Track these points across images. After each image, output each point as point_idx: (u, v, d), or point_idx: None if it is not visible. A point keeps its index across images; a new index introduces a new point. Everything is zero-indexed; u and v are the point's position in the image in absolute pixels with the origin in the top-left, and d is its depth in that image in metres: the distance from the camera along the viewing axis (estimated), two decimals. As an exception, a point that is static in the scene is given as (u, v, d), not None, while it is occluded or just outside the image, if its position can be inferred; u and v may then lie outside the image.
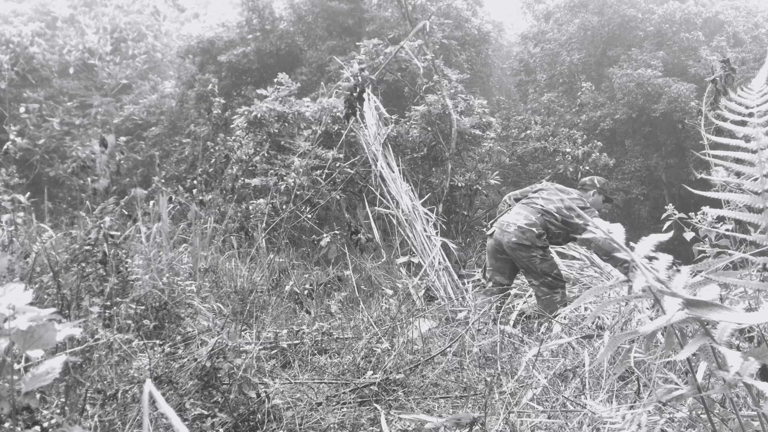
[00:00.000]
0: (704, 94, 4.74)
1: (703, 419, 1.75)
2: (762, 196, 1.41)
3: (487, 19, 16.55)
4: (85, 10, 17.66)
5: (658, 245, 1.33)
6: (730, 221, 3.05)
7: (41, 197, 6.80)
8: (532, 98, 15.79)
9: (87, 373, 2.50)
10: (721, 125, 1.47)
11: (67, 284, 3.32)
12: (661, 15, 14.89)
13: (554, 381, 2.96)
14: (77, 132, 15.00)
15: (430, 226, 6.21)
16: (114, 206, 3.99)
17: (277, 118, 7.61)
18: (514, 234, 4.53)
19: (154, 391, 0.75)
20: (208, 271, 4.98)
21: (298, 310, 4.61)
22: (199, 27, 16.00)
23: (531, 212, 4.61)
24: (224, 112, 8.68)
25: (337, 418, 2.83)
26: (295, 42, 14.16)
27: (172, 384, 2.75)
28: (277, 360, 3.57)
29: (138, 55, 17.30)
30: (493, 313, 4.28)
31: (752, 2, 16.63)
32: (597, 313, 3.51)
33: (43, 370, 1.43)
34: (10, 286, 1.40)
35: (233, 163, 6.98)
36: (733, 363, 1.11)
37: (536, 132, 10.36)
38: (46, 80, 16.12)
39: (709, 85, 4.89)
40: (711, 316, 1.18)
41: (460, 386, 3.19)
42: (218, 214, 6.54)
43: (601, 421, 2.26)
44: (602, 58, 15.48)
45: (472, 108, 8.03)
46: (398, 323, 3.92)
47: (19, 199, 5.20)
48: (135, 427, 2.35)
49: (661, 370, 2.52)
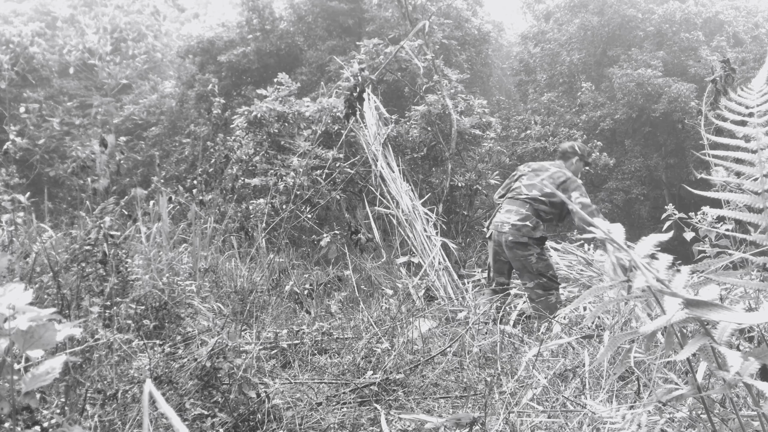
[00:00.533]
0: (704, 94, 4.73)
1: (703, 419, 1.75)
2: (762, 196, 1.41)
3: (487, 19, 16.56)
4: (85, 10, 17.66)
5: (658, 245, 1.33)
6: (730, 221, 3.05)
7: (41, 197, 6.80)
8: (532, 98, 15.79)
9: (87, 373, 2.50)
10: (721, 125, 1.47)
11: (67, 284, 3.32)
12: (661, 15, 14.89)
13: (554, 381, 2.96)
14: (77, 132, 15.00)
15: (430, 226, 6.21)
16: (114, 206, 4.00)
17: (277, 118, 7.61)
18: (510, 233, 4.48)
19: (154, 391, 0.75)
20: (208, 271, 4.98)
21: (298, 310, 4.61)
22: (199, 27, 16.00)
23: (519, 206, 4.54)
24: (224, 112, 8.68)
25: (337, 418, 2.83)
26: (295, 42, 14.16)
27: (172, 384, 2.75)
28: (277, 360, 3.57)
29: (138, 55, 17.30)
30: (493, 313, 4.28)
31: (752, 2, 16.63)
32: (596, 312, 3.51)
33: (43, 370, 1.43)
34: (10, 286, 1.40)
35: (233, 163, 6.98)
36: (733, 363, 1.11)
37: (536, 132, 10.37)
38: (46, 80, 16.13)
39: (709, 85, 4.89)
40: (711, 316, 1.18)
41: (460, 386, 3.19)
42: (218, 214, 6.54)
43: (601, 421, 2.26)
44: (602, 58, 15.48)
45: (472, 108, 8.03)
46: (398, 323, 3.92)
47: (19, 199, 5.20)
48: (135, 427, 2.35)
49: (661, 370, 2.52)
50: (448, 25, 12.70)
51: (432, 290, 5.41)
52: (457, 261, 6.26)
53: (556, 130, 10.08)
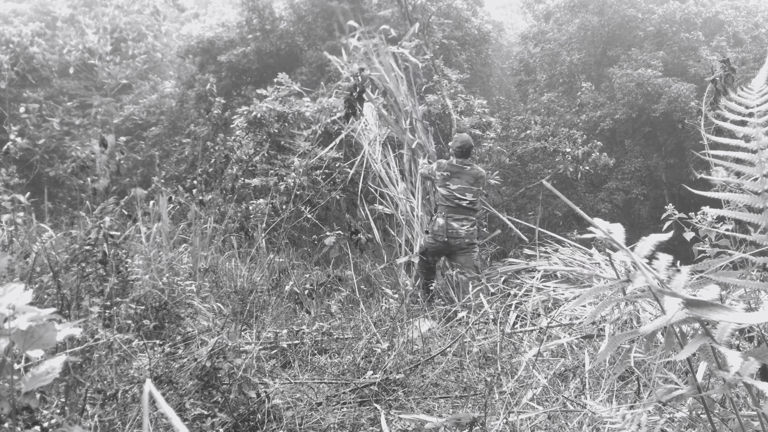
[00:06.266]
0: (704, 94, 4.74)
1: (703, 419, 1.75)
2: (762, 196, 1.41)
3: (487, 19, 16.55)
4: (85, 10, 17.64)
5: (658, 245, 1.33)
6: (730, 221, 3.05)
7: (41, 197, 6.80)
8: (532, 98, 15.78)
9: (87, 373, 2.50)
10: (721, 125, 1.47)
11: (67, 284, 3.32)
12: (661, 15, 14.89)
13: (554, 381, 2.96)
14: (77, 132, 14.99)
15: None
16: (114, 206, 4.00)
17: (277, 118, 7.61)
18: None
19: (154, 391, 0.75)
20: (208, 271, 4.98)
21: (298, 310, 4.60)
22: (199, 27, 15.96)
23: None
24: (224, 112, 8.67)
25: (337, 418, 2.83)
26: (295, 42, 14.15)
27: (172, 384, 2.75)
28: (277, 360, 3.57)
29: (138, 55, 17.29)
30: (492, 313, 4.28)
31: (752, 2, 16.63)
32: (596, 312, 3.51)
33: (43, 370, 1.43)
34: (10, 286, 1.40)
35: (233, 163, 6.98)
36: (733, 363, 1.11)
37: (536, 132, 10.36)
38: (46, 80, 16.12)
39: (709, 85, 4.89)
40: (711, 316, 1.18)
41: (460, 386, 3.19)
42: (218, 214, 6.54)
43: (601, 421, 2.26)
44: (602, 58, 15.48)
45: (472, 108, 8.03)
46: (398, 323, 3.92)
47: (19, 199, 5.20)
48: (135, 427, 2.35)
49: (661, 370, 2.52)
50: (448, 25, 12.71)
51: (432, 290, 5.42)
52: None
53: (556, 130, 10.07)
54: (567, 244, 6.13)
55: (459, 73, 9.23)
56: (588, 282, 5.44)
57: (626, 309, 3.14)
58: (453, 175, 5.45)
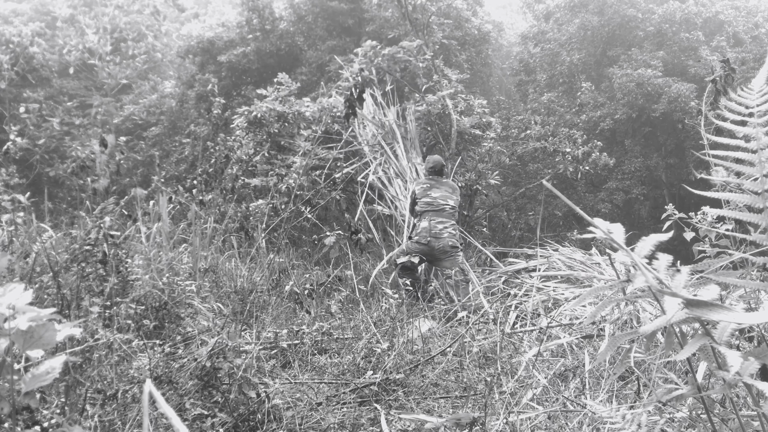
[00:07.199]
0: (704, 94, 4.74)
1: (703, 419, 1.75)
2: (762, 196, 1.41)
3: (487, 19, 16.54)
4: (85, 10, 17.64)
5: (658, 245, 1.33)
6: (730, 221, 3.05)
7: (41, 197, 6.80)
8: (532, 98, 15.77)
9: (87, 373, 2.50)
10: (721, 125, 1.47)
11: (67, 284, 3.32)
12: (661, 15, 14.88)
13: (554, 381, 2.96)
14: (77, 132, 14.99)
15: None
16: (114, 206, 4.00)
17: (277, 118, 7.61)
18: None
19: (154, 391, 0.75)
20: (208, 271, 4.98)
21: (298, 310, 4.60)
22: (199, 27, 15.95)
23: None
24: (224, 112, 8.67)
25: (337, 418, 2.83)
26: (295, 42, 14.15)
27: (172, 384, 2.75)
28: (277, 360, 3.57)
29: (138, 55, 17.29)
30: (492, 313, 4.28)
31: (752, 2, 16.62)
32: (596, 312, 3.51)
33: (43, 370, 1.43)
34: (10, 286, 1.40)
35: (233, 163, 6.98)
36: (733, 363, 1.11)
37: (536, 132, 10.36)
38: (46, 80, 16.11)
39: (709, 85, 4.89)
40: (711, 316, 1.18)
41: (460, 386, 3.19)
42: (218, 214, 6.54)
43: (601, 421, 2.26)
44: (602, 58, 15.48)
45: (472, 108, 8.02)
46: (398, 323, 3.92)
47: (19, 199, 5.20)
48: (135, 427, 2.35)
49: (661, 370, 2.52)
50: (448, 25, 12.68)
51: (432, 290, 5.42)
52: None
53: (556, 130, 10.06)
54: (567, 244, 6.14)
55: (459, 73, 9.22)
56: (588, 282, 5.45)
57: (626, 309, 3.14)
58: (432, 186, 5.75)
